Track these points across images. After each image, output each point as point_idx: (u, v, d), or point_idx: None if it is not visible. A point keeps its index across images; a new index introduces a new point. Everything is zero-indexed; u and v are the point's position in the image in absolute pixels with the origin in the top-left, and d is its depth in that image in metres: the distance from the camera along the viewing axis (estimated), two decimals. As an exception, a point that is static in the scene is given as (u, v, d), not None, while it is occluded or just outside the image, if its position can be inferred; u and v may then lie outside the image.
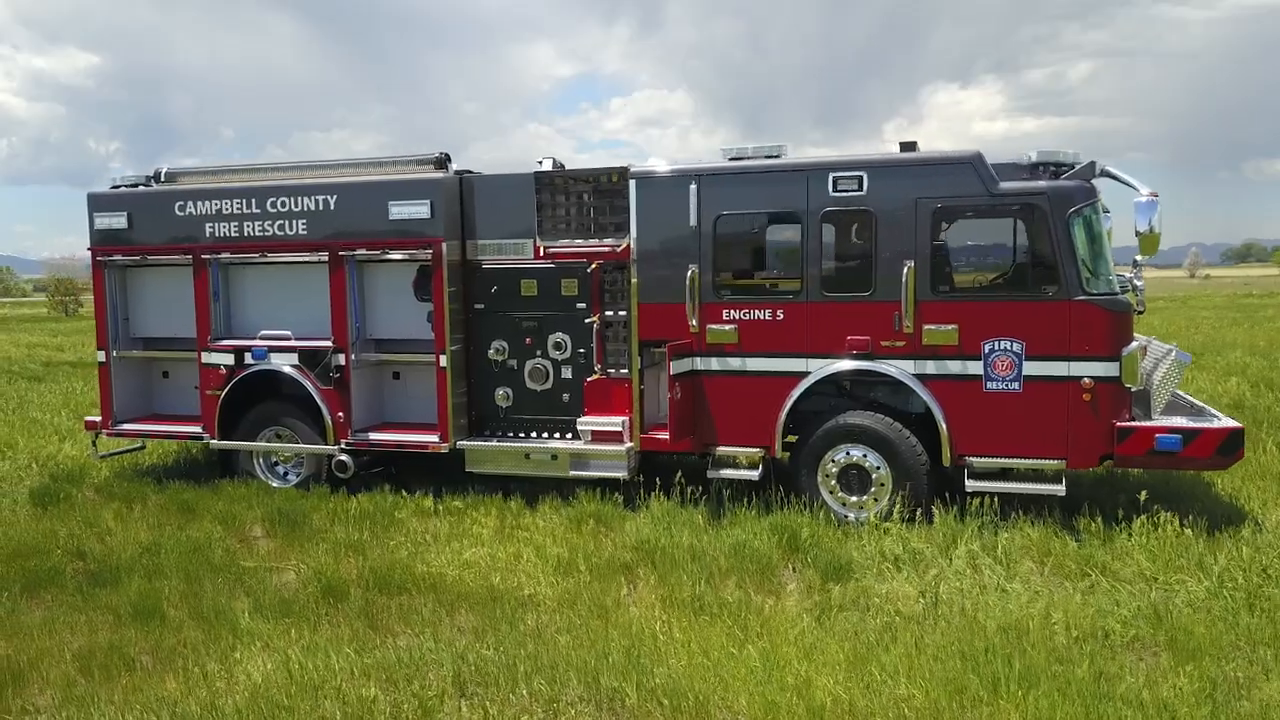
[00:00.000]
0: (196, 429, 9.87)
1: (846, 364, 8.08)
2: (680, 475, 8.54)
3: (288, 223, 9.36)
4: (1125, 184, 7.61)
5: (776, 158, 8.30)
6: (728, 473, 8.50)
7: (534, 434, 9.15)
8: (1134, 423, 7.50)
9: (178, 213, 9.70)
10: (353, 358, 9.32)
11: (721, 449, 8.52)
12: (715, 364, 8.43)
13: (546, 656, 5.35)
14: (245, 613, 6.23)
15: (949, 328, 7.79)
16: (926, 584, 6.39)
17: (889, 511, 7.78)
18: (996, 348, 7.69)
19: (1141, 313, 7.86)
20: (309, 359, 9.40)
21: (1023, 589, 6.27)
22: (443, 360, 9.01)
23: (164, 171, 10.14)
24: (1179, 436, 7.36)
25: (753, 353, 8.32)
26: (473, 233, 9.18)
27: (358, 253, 9.25)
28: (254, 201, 9.45)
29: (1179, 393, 8.52)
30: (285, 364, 9.51)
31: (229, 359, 9.64)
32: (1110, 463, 7.75)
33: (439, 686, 5.11)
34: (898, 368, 7.95)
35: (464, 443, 9.11)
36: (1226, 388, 14.17)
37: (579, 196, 8.90)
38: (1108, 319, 7.52)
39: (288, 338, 9.54)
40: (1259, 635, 5.43)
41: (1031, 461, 7.73)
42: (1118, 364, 7.44)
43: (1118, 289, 7.77)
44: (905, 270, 7.77)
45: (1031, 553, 7.02)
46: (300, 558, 7.46)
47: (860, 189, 7.94)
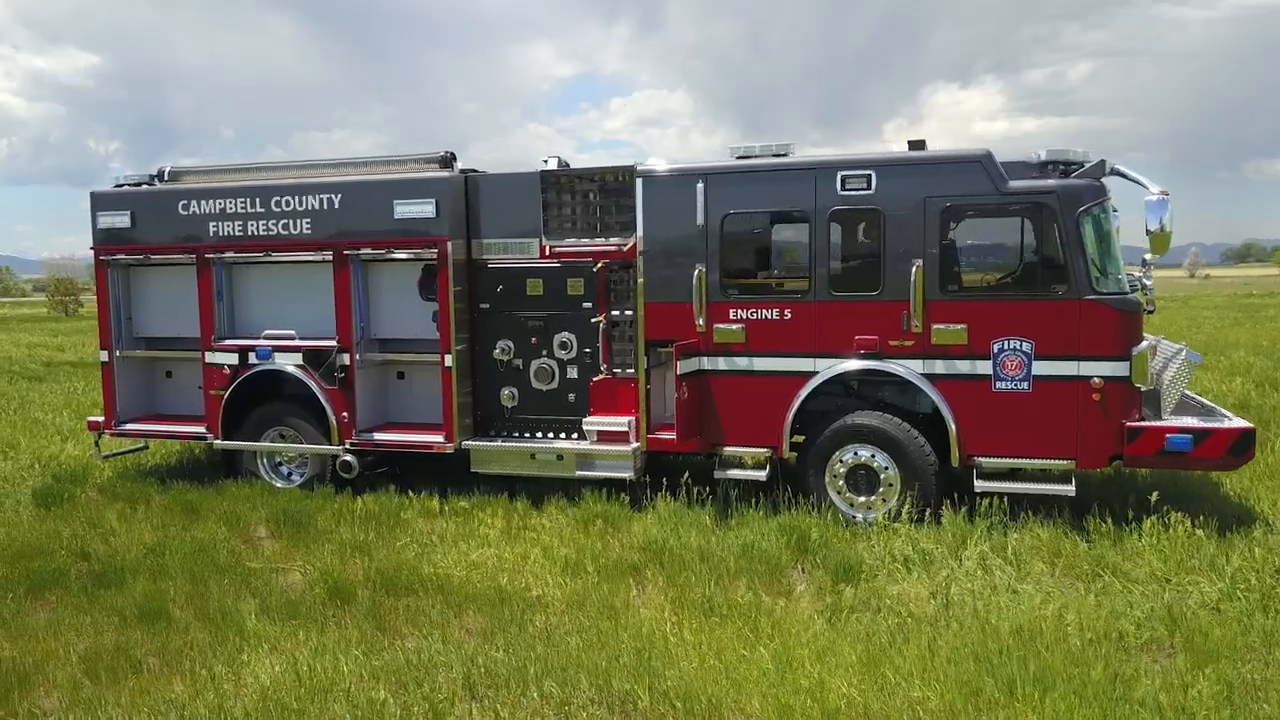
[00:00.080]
0: (200, 429, 9.82)
1: (854, 364, 8.03)
2: (687, 476, 8.50)
3: (292, 222, 9.32)
4: (1135, 182, 7.56)
5: (784, 156, 8.25)
6: (735, 473, 8.45)
7: (539, 434, 9.10)
8: (1144, 423, 7.46)
9: (181, 212, 9.65)
10: (357, 357, 9.28)
11: (728, 449, 8.47)
12: (722, 364, 8.39)
13: (557, 658, 5.30)
14: (252, 614, 6.19)
15: (958, 327, 7.74)
16: (938, 585, 6.35)
17: (897, 512, 7.75)
18: (1006, 347, 7.65)
19: (1151, 312, 7.82)
20: (313, 359, 9.36)
21: (1034, 590, 6.23)
22: (448, 360, 8.96)
23: (167, 170, 10.08)
24: (1190, 437, 7.32)
25: (760, 352, 8.27)
26: (478, 232, 9.13)
27: (362, 252, 9.20)
28: (258, 200, 9.40)
29: (1188, 392, 8.48)
30: (289, 364, 9.46)
31: (233, 359, 9.60)
32: (1120, 463, 7.71)
33: (449, 689, 5.07)
34: (906, 367, 7.90)
35: (469, 443, 9.06)
36: (1231, 387, 14.14)
37: (585, 195, 8.85)
38: (1118, 318, 7.47)
39: (292, 337, 9.49)
40: (1275, 637, 5.39)
41: (1041, 462, 7.68)
42: (1128, 363, 7.40)
43: (1127, 288, 7.74)
44: (914, 269, 7.73)
45: (1042, 553, 6.99)
46: (306, 559, 7.42)
47: (868, 188, 7.90)
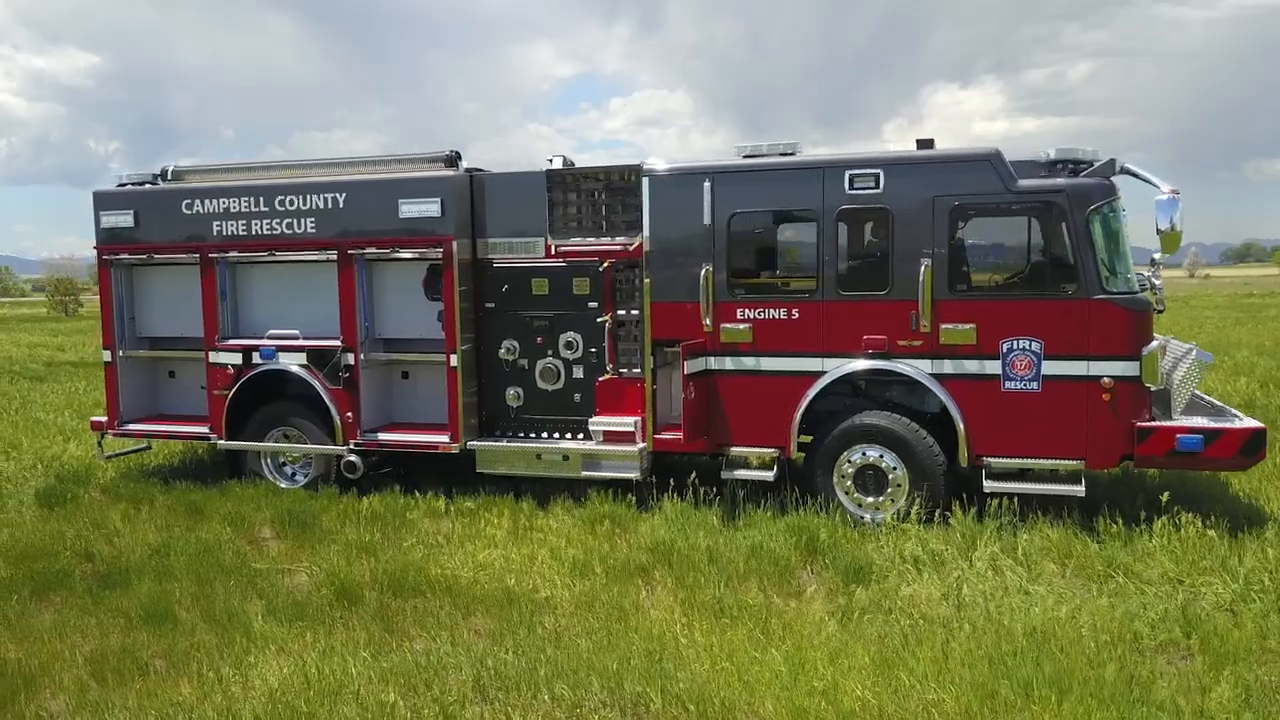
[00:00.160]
0: (203, 429, 9.78)
1: (863, 364, 7.99)
2: (694, 476, 8.46)
3: (296, 221, 9.27)
4: (1145, 181, 7.52)
5: (791, 155, 8.21)
6: (742, 473, 8.41)
7: (545, 434, 9.06)
8: (1155, 423, 7.41)
9: (185, 211, 9.61)
10: (362, 357, 9.23)
11: (735, 449, 8.43)
12: (729, 363, 8.34)
13: (567, 660, 5.26)
14: (258, 616, 6.14)
15: (966, 327, 7.70)
16: (949, 587, 6.31)
17: (906, 512, 7.70)
18: (1015, 347, 7.60)
19: (1161, 311, 7.78)
20: (317, 359, 9.31)
21: (1047, 592, 6.19)
22: (453, 360, 8.92)
23: (170, 170, 10.04)
24: (1201, 437, 7.28)
25: (767, 352, 8.23)
26: (483, 231, 9.09)
27: (367, 251, 9.15)
28: (262, 200, 9.35)
29: (1197, 392, 8.44)
30: (293, 364, 9.42)
31: (236, 358, 9.55)
32: (1130, 463, 7.67)
33: (459, 691, 5.02)
34: (915, 367, 7.86)
35: (474, 443, 9.02)
36: (1236, 387, 14.11)
37: (591, 195, 8.81)
38: (1128, 318, 7.43)
39: (296, 337, 9.45)
40: (1291, 639, 5.36)
41: (1050, 462, 7.64)
42: (1138, 363, 7.36)
43: (1137, 287, 7.69)
44: (922, 269, 7.69)
45: (1052, 554, 6.94)
46: (312, 559, 7.37)
47: (876, 187, 7.85)
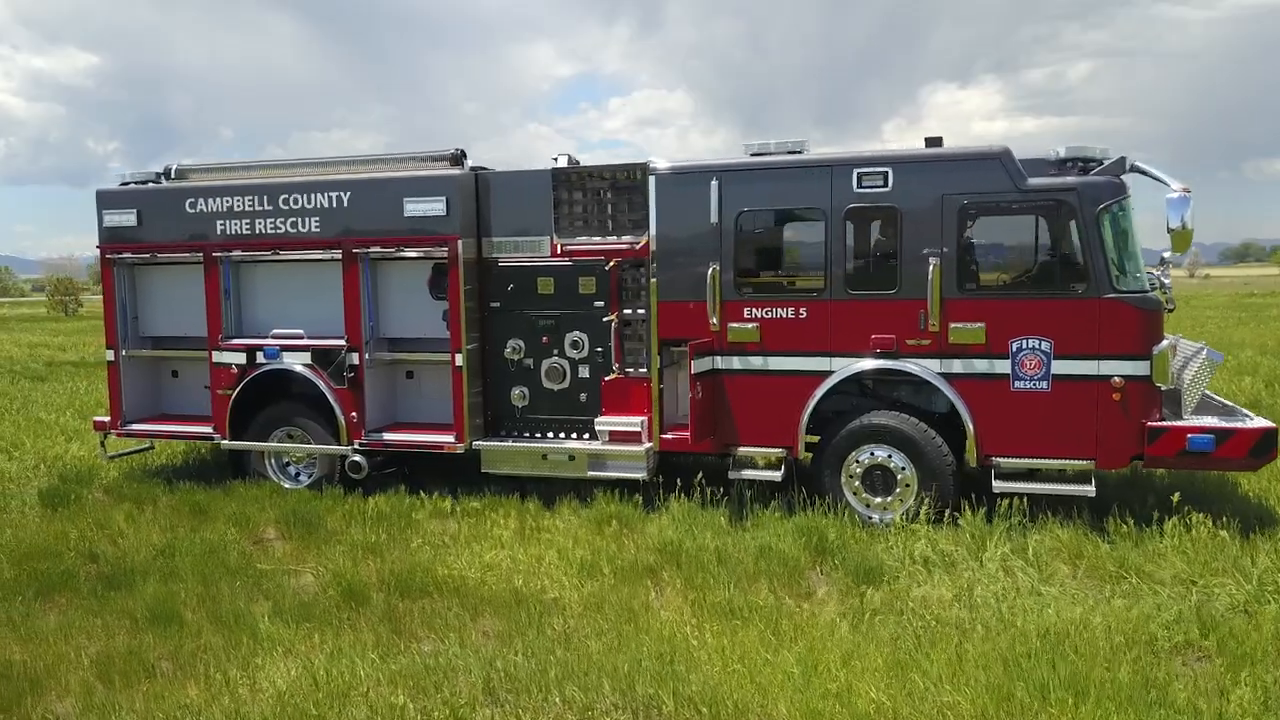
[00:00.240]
0: (207, 429, 9.73)
1: (871, 363, 7.94)
2: (700, 476, 8.42)
3: (300, 220, 9.22)
4: (1156, 179, 7.46)
5: (799, 153, 8.16)
6: (749, 473, 8.36)
7: (551, 434, 9.01)
8: (1165, 423, 7.37)
9: (188, 210, 9.56)
10: (366, 357, 9.18)
11: (743, 449, 8.38)
12: (736, 363, 8.30)
13: (578, 662, 5.22)
14: (265, 617, 6.10)
15: (975, 326, 7.65)
16: (961, 588, 6.26)
17: (915, 513, 7.66)
18: (1024, 346, 7.56)
19: (1171, 310, 7.74)
20: (322, 358, 9.27)
21: (1059, 593, 6.15)
22: (458, 359, 8.87)
23: (174, 168, 9.99)
24: (1212, 437, 7.23)
25: (775, 351, 8.18)
26: (488, 230, 9.04)
27: (372, 250, 9.10)
28: (266, 198, 9.30)
29: (1207, 392, 8.39)
30: (298, 363, 9.37)
31: (240, 358, 9.50)
32: (1141, 463, 7.63)
33: (469, 693, 4.98)
34: (923, 367, 7.81)
35: (480, 443, 8.97)
36: (1241, 387, 14.09)
37: (597, 193, 8.76)
38: (1138, 317, 7.39)
39: (300, 337, 9.40)
40: (1307, 641, 5.31)
41: (1060, 462, 7.59)
42: (1148, 363, 7.31)
43: (1148, 286, 7.65)
44: (931, 268, 7.64)
45: (1063, 555, 6.90)
46: (317, 560, 7.33)
47: (885, 185, 7.80)
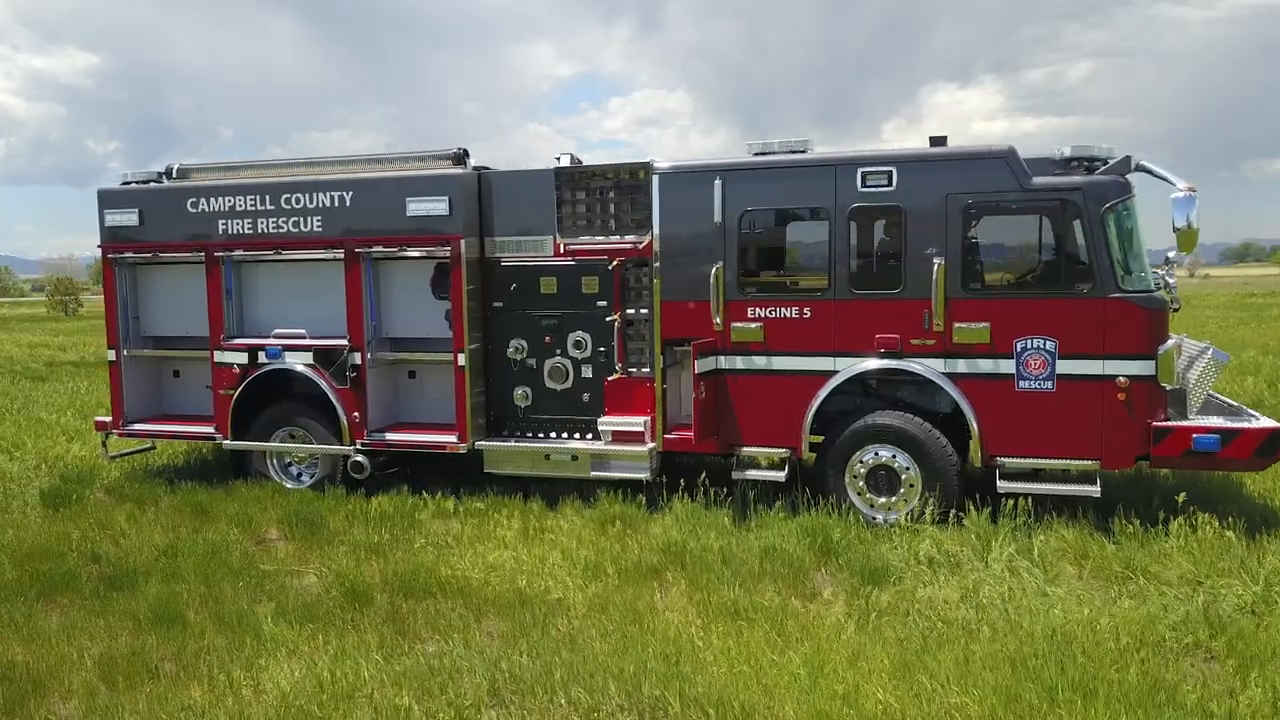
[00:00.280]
0: (209, 429, 9.71)
1: (875, 363, 7.92)
2: (704, 476, 8.39)
3: (303, 219, 9.20)
4: (1161, 178, 7.44)
5: (803, 153, 8.14)
6: (753, 474, 8.34)
7: (553, 434, 8.99)
8: (1170, 423, 7.35)
9: (190, 210, 9.54)
10: (369, 357, 9.16)
11: (746, 449, 8.36)
12: (740, 363, 8.27)
13: (583, 664, 5.19)
14: (268, 618, 6.07)
15: (980, 326, 7.63)
16: (967, 589, 6.24)
17: (919, 513, 7.64)
18: (1029, 346, 7.54)
19: (1177, 310, 7.72)
20: (324, 358, 9.24)
21: (1065, 593, 6.12)
22: (461, 359, 8.85)
23: (175, 168, 9.96)
24: (1217, 437, 7.22)
25: (779, 351, 8.16)
26: (491, 229, 9.02)
27: (374, 250, 9.08)
28: (268, 198, 9.28)
29: (1212, 392, 8.37)
30: (299, 363, 9.35)
31: (242, 358, 9.48)
32: (1146, 463, 7.60)
33: (474, 695, 4.96)
34: (928, 367, 7.79)
35: (482, 443, 8.94)
36: (1244, 387, 14.03)
37: (600, 193, 8.73)
38: (1144, 316, 7.37)
39: (302, 336, 9.38)
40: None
41: (1065, 462, 7.57)
42: (1154, 362, 7.29)
43: (1153, 286, 7.63)
44: (935, 267, 7.61)
45: (1068, 555, 6.88)
46: (320, 561, 7.30)
47: (889, 184, 7.78)
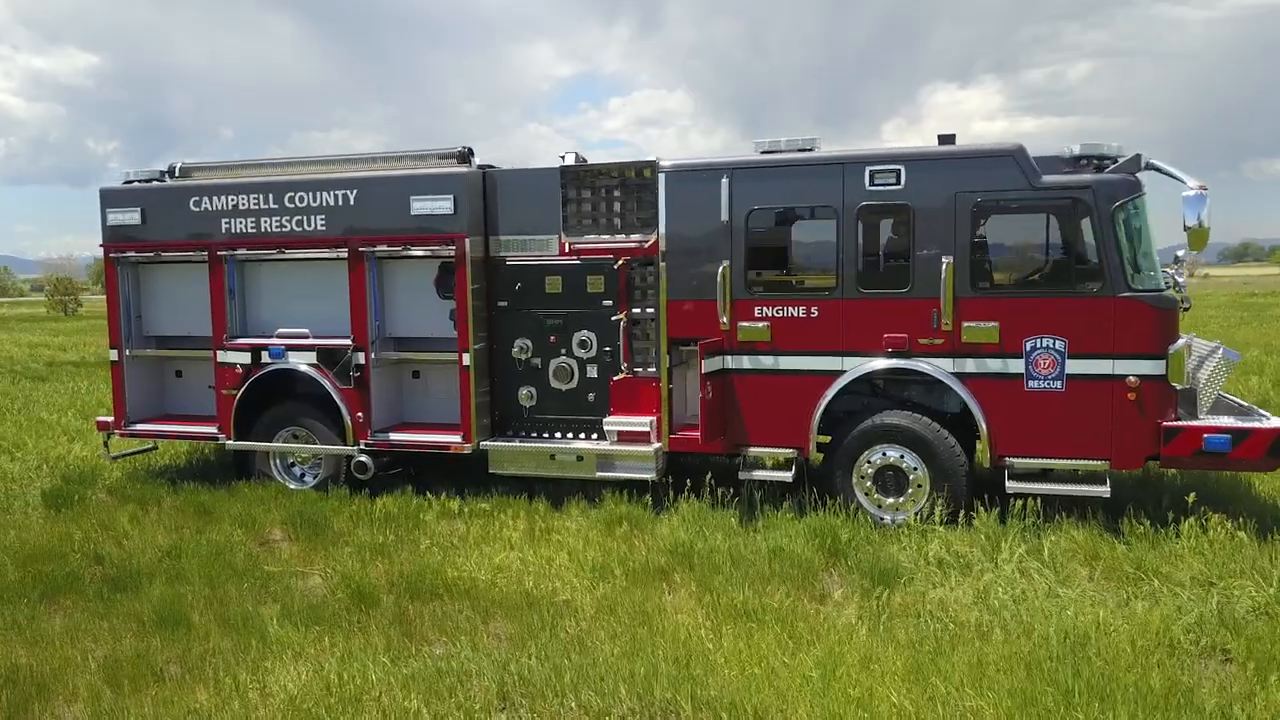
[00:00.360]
0: (211, 429, 9.65)
1: (883, 363, 7.87)
2: (710, 476, 8.34)
3: (306, 218, 9.14)
4: (1172, 177, 7.39)
5: (810, 151, 8.09)
6: (759, 474, 8.29)
7: (559, 434, 8.93)
8: (1181, 422, 7.30)
9: (193, 208, 9.48)
10: (373, 356, 9.11)
11: (753, 450, 8.31)
12: (747, 362, 8.22)
13: (593, 667, 5.14)
14: (274, 620, 6.02)
15: (989, 325, 7.58)
16: (979, 590, 6.19)
17: (928, 513, 7.59)
18: (1038, 345, 7.49)
19: (1187, 309, 7.67)
20: (327, 358, 9.19)
21: (1077, 595, 6.07)
22: (465, 359, 8.79)
23: (178, 166, 9.90)
24: (1228, 437, 7.16)
25: (786, 351, 8.11)
26: (496, 228, 8.96)
27: (378, 249, 9.02)
28: (271, 196, 9.22)
29: (1222, 392, 8.32)
30: (303, 363, 9.29)
31: (245, 358, 9.42)
32: (1156, 463, 7.56)
33: (484, 698, 4.91)
34: (936, 366, 7.74)
35: (487, 443, 8.89)
36: (1249, 386, 13.98)
37: (605, 191, 8.67)
38: (1154, 316, 7.31)
39: (306, 336, 9.33)
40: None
41: (1074, 462, 7.52)
42: (1164, 362, 7.24)
43: (1163, 285, 7.58)
44: (944, 266, 7.57)
45: (1079, 556, 6.83)
46: (325, 562, 7.25)
47: (897, 183, 7.73)
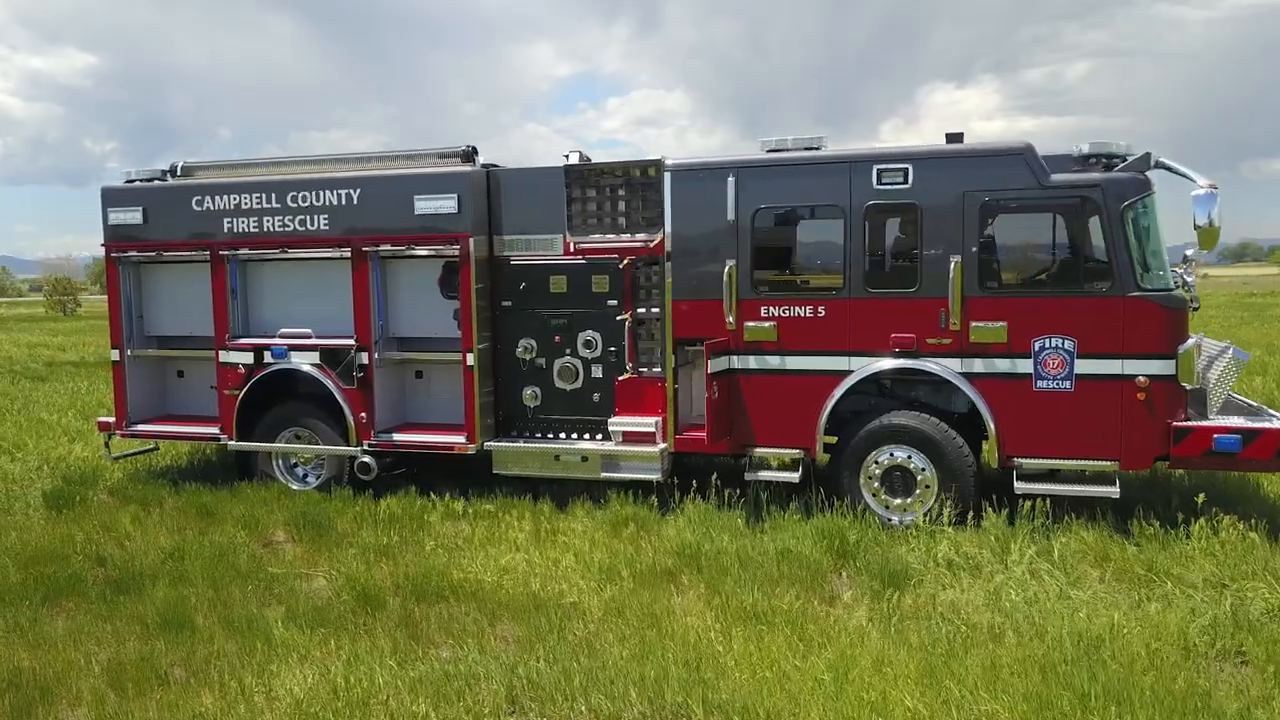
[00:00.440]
0: (214, 430, 9.59)
1: (890, 363, 7.82)
2: (715, 477, 8.29)
3: (309, 218, 9.09)
4: (1181, 175, 7.34)
5: (816, 149, 8.04)
6: (766, 475, 8.24)
7: (563, 434, 8.88)
8: (1191, 423, 7.25)
9: (195, 208, 9.42)
10: (376, 356, 9.05)
11: (759, 450, 8.26)
12: (753, 362, 8.17)
13: (602, 670, 5.08)
14: (278, 622, 5.96)
15: (997, 325, 7.53)
16: (990, 592, 6.14)
17: (936, 514, 7.54)
18: (1047, 345, 7.44)
19: (1196, 309, 7.62)
20: (330, 358, 9.13)
21: (1089, 597, 6.02)
22: (470, 359, 8.74)
23: (180, 166, 9.84)
24: (1238, 437, 7.12)
25: (792, 351, 8.06)
26: (500, 228, 8.91)
27: (382, 248, 8.97)
28: (274, 196, 9.16)
29: (1231, 392, 8.27)
30: (306, 363, 9.24)
31: (248, 358, 9.37)
32: (1166, 464, 7.51)
33: (492, 702, 4.85)
34: (944, 366, 7.69)
35: (491, 443, 8.84)
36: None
37: (610, 190, 8.63)
38: (1163, 315, 7.26)
39: (308, 336, 9.27)
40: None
41: (1083, 463, 7.47)
42: (1174, 362, 7.19)
43: (1172, 284, 7.53)
44: (952, 266, 7.51)
45: (1089, 558, 6.78)
46: (329, 563, 7.20)
47: (905, 182, 7.68)
